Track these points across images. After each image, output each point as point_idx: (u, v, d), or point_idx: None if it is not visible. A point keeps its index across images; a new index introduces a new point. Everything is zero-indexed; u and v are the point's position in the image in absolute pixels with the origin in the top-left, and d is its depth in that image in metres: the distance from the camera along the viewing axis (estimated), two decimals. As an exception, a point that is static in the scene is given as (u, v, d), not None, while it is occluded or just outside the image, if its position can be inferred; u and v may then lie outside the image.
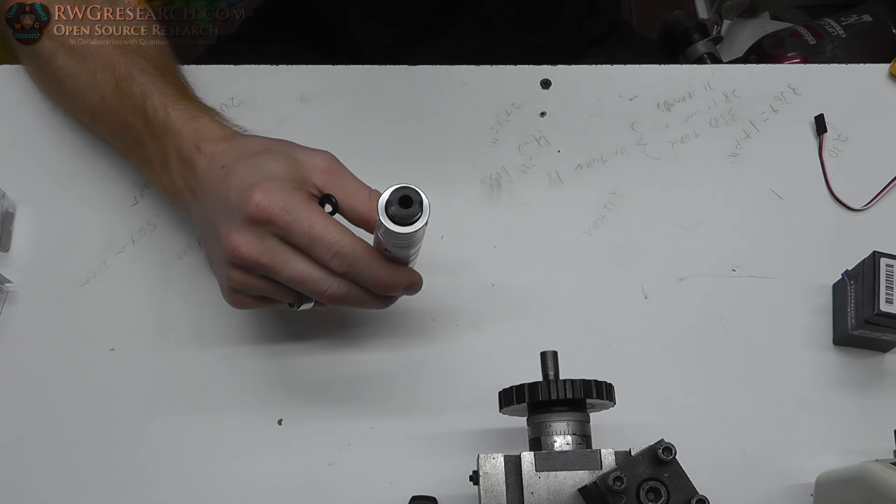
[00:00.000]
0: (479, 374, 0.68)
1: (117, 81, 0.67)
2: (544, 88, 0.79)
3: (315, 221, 0.55)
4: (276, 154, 0.59)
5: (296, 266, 0.56)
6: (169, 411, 0.67)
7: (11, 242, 0.72)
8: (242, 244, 0.56)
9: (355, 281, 0.57)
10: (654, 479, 0.48)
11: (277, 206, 0.55)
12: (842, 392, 0.68)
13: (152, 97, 0.65)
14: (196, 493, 0.65)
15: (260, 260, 0.56)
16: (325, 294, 0.57)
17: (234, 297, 0.60)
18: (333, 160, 0.61)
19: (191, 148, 0.61)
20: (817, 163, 0.76)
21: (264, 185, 0.56)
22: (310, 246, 0.56)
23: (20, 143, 0.76)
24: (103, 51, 0.68)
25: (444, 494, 0.62)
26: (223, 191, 0.58)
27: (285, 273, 0.56)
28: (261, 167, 0.58)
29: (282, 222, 0.55)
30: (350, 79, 0.78)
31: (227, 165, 0.59)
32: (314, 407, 0.67)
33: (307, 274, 0.56)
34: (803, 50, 1.17)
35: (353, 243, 0.56)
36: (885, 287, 0.64)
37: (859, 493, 0.58)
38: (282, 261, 0.56)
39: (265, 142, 0.62)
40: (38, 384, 0.68)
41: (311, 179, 0.59)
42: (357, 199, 0.59)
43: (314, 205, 0.57)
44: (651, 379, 0.68)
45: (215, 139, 0.62)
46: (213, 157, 0.60)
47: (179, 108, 0.64)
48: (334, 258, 0.56)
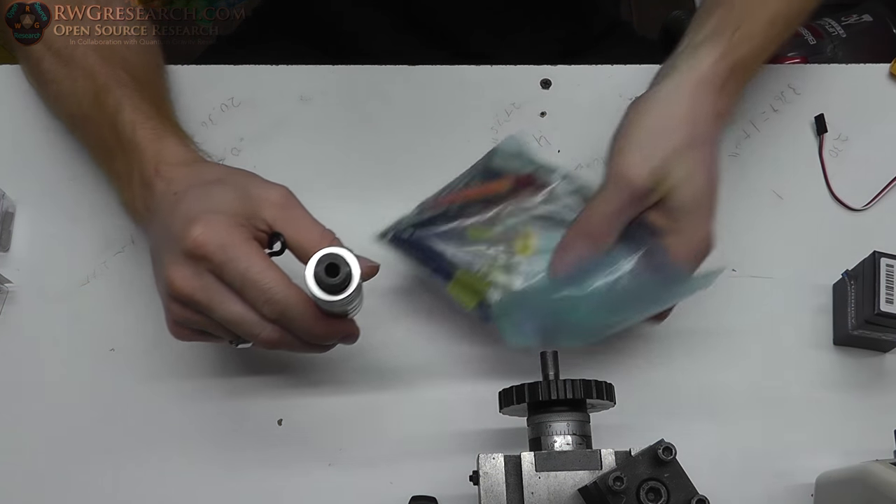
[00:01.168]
0: (479, 374, 0.68)
1: (95, 92, 0.66)
2: (544, 88, 0.79)
3: (251, 264, 0.53)
4: (229, 186, 0.57)
5: (230, 307, 0.54)
6: (169, 411, 0.67)
7: (11, 242, 0.72)
8: (179, 278, 0.54)
9: (287, 329, 0.56)
10: (654, 480, 0.48)
11: (215, 243, 0.53)
12: (842, 392, 0.68)
13: (124, 112, 0.64)
14: (196, 493, 0.65)
15: (195, 296, 0.55)
16: (257, 338, 0.55)
17: (176, 328, 0.59)
18: (288, 195, 0.58)
19: (151, 169, 0.60)
20: (817, 163, 0.76)
21: (206, 218, 0.54)
22: (243, 289, 0.54)
23: (20, 143, 0.76)
24: (87, 58, 0.68)
25: (444, 494, 0.62)
26: (170, 219, 0.56)
27: (219, 313, 0.55)
28: (209, 198, 0.56)
29: (217, 261, 0.53)
30: (350, 79, 0.78)
31: (179, 192, 0.58)
32: (314, 407, 0.67)
33: (240, 316, 0.54)
34: (803, 50, 1.16)
35: (287, 291, 0.54)
36: (885, 287, 0.64)
37: (859, 493, 0.58)
38: (217, 300, 0.54)
39: (222, 171, 0.60)
40: (38, 384, 0.68)
41: (262, 214, 0.56)
42: (308, 237, 0.56)
43: (253, 245, 0.55)
44: (651, 379, 0.68)
45: (175, 163, 0.61)
46: (170, 182, 0.59)
47: (147, 126, 0.63)
48: (266, 304, 0.54)
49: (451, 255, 0.64)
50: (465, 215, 0.65)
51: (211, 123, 0.77)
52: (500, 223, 0.65)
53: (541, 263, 0.64)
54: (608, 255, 0.62)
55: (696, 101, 0.62)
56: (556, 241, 0.64)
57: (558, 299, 0.62)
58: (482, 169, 0.68)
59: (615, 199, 0.61)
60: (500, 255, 0.65)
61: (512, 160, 0.67)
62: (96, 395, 0.67)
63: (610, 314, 0.62)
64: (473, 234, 0.65)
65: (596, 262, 0.62)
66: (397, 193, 0.74)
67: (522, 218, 0.65)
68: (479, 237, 0.65)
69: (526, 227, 0.66)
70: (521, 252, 0.65)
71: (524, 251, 0.65)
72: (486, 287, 0.64)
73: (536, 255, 0.65)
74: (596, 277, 0.62)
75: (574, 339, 0.62)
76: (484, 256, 0.65)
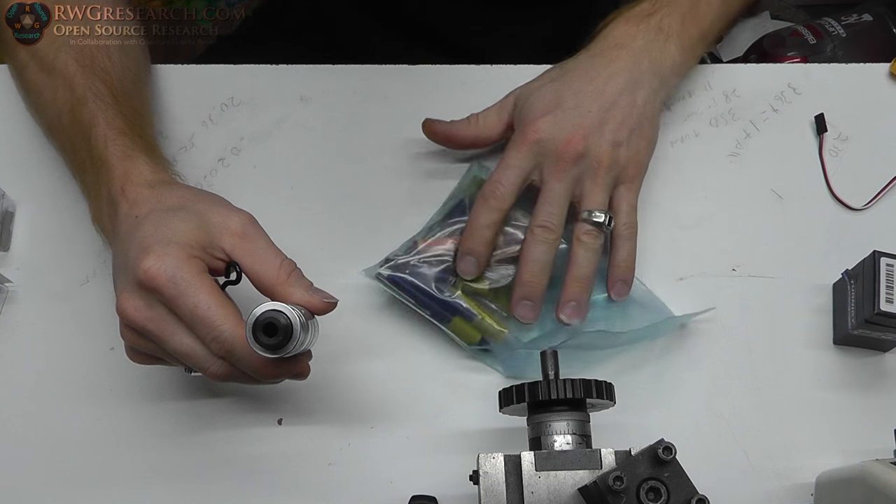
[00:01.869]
0: (479, 374, 0.68)
1: (72, 104, 0.66)
2: (544, 88, 0.79)
3: (200, 300, 0.53)
4: (188, 213, 0.57)
5: (181, 339, 0.55)
6: (169, 411, 0.67)
7: (11, 242, 0.72)
8: (131, 307, 0.55)
9: (236, 366, 0.55)
10: (654, 479, 0.48)
11: (166, 275, 0.53)
12: (842, 392, 0.68)
13: (97, 127, 0.64)
14: (195, 493, 0.65)
15: (146, 326, 0.55)
16: (206, 372, 0.55)
17: (132, 353, 0.59)
18: (249, 223, 0.58)
19: (118, 188, 0.60)
20: (817, 162, 0.76)
21: (159, 249, 0.54)
22: (192, 324, 0.54)
23: (20, 143, 0.76)
24: (67, 69, 0.67)
25: (444, 494, 0.62)
26: (127, 245, 0.56)
27: (169, 345, 0.55)
28: (166, 227, 0.56)
29: (168, 294, 0.53)
30: (350, 79, 0.78)
31: (140, 216, 0.58)
32: (314, 407, 0.67)
33: (190, 349, 0.55)
34: (803, 49, 1.16)
35: (234, 331, 0.53)
36: (885, 287, 0.64)
37: (859, 493, 0.58)
38: (167, 332, 0.55)
39: (186, 196, 0.60)
40: (38, 384, 0.68)
41: (220, 243, 0.56)
42: (266, 267, 0.56)
43: (205, 279, 0.54)
44: (651, 379, 0.68)
45: (140, 183, 0.60)
46: (133, 204, 0.59)
47: (119, 143, 0.63)
48: (213, 342, 0.54)
49: (448, 298, 0.67)
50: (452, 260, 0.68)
51: (211, 123, 0.77)
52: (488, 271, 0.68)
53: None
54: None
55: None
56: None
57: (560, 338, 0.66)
58: (464, 207, 0.70)
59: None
60: (492, 304, 0.68)
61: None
62: (96, 395, 0.67)
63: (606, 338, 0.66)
64: (463, 285, 0.67)
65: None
66: (397, 193, 0.74)
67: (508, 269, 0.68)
68: (468, 288, 0.67)
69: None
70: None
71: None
72: (484, 332, 0.67)
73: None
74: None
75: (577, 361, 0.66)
76: (480, 304, 0.67)
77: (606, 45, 0.70)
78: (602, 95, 0.67)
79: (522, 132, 0.67)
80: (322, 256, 0.60)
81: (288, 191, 0.74)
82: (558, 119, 0.66)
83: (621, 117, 0.67)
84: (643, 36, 0.70)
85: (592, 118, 0.66)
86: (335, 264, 0.67)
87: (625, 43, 0.70)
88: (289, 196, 0.74)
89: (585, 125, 0.66)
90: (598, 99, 0.67)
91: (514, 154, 0.67)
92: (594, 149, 0.66)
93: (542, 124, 0.66)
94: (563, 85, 0.69)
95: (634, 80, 0.68)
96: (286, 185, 0.74)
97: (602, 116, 0.67)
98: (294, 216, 0.72)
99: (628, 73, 0.68)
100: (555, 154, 0.66)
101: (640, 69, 0.69)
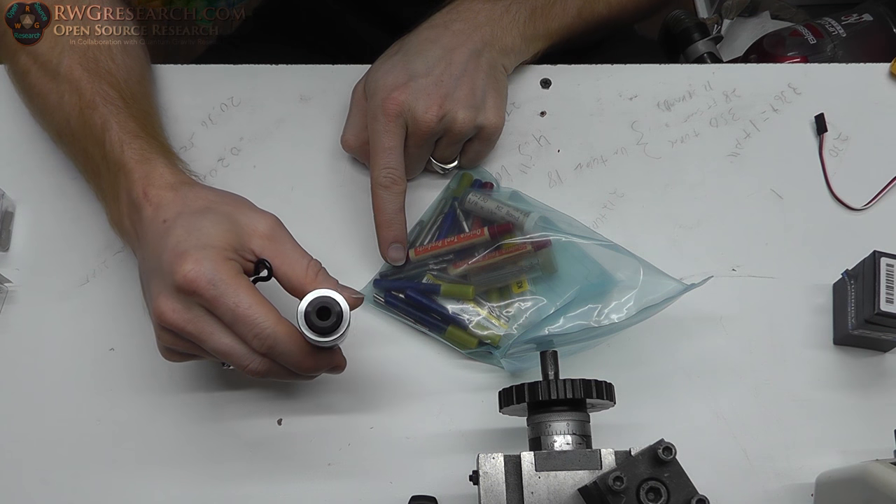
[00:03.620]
0: (479, 374, 0.68)
1: (81, 108, 0.66)
2: (544, 88, 0.79)
3: (241, 299, 0.55)
4: (217, 216, 0.58)
5: (220, 339, 0.56)
6: (169, 411, 0.67)
7: (11, 242, 0.72)
8: (169, 310, 0.56)
9: (276, 361, 0.57)
10: (654, 479, 0.48)
11: (205, 278, 0.54)
12: (842, 392, 0.68)
13: (111, 130, 0.64)
14: (195, 493, 0.65)
15: (185, 328, 0.56)
16: (246, 369, 0.57)
17: (167, 353, 0.60)
18: (276, 225, 0.60)
19: (139, 192, 0.61)
20: (817, 162, 0.76)
21: (196, 254, 0.55)
22: (233, 323, 0.55)
23: (20, 143, 0.76)
24: (72, 73, 0.68)
25: (444, 494, 0.62)
26: (159, 250, 0.57)
27: (209, 344, 0.56)
28: (198, 230, 0.57)
29: (208, 296, 0.55)
30: (350, 79, 0.78)
31: (168, 220, 0.58)
32: (314, 407, 0.67)
33: (230, 348, 0.56)
34: (803, 49, 1.17)
35: (276, 326, 0.55)
36: (885, 287, 0.64)
37: (859, 493, 0.58)
38: (207, 332, 0.56)
39: (210, 198, 0.61)
40: (38, 384, 0.68)
41: (249, 245, 0.58)
42: (294, 268, 0.58)
43: (242, 280, 0.56)
44: (651, 379, 0.68)
45: (162, 186, 0.61)
46: (158, 208, 0.60)
47: (135, 146, 0.64)
48: (255, 339, 0.55)
49: (439, 308, 0.68)
50: (440, 267, 0.69)
51: (211, 123, 0.77)
52: (473, 276, 0.69)
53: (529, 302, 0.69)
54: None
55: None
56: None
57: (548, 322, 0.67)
58: (454, 214, 0.71)
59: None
60: (481, 310, 0.69)
61: (480, 202, 0.71)
62: (96, 395, 0.68)
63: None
64: (448, 289, 0.69)
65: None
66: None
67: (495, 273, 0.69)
68: (452, 294, 0.68)
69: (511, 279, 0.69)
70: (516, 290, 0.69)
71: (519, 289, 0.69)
72: (480, 337, 0.68)
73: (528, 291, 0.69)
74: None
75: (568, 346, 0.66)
76: (468, 312, 0.69)
77: (449, 18, 0.73)
78: (451, 64, 0.69)
79: (383, 108, 0.68)
80: (321, 256, 0.60)
81: (287, 191, 0.74)
82: (412, 89, 0.68)
83: (471, 82, 0.70)
84: (486, 13, 0.72)
85: (446, 86, 0.69)
86: (335, 264, 0.67)
87: (466, 17, 0.72)
88: (288, 196, 0.74)
89: (441, 93, 0.68)
90: (448, 67, 0.69)
91: (385, 135, 0.68)
92: (450, 115, 0.69)
93: (399, 96, 0.68)
94: (409, 56, 0.70)
95: (476, 49, 0.71)
96: (286, 185, 0.74)
97: (454, 84, 0.69)
98: (294, 216, 0.72)
99: (471, 43, 0.71)
100: (414, 123, 0.68)
101: (482, 38, 0.72)
